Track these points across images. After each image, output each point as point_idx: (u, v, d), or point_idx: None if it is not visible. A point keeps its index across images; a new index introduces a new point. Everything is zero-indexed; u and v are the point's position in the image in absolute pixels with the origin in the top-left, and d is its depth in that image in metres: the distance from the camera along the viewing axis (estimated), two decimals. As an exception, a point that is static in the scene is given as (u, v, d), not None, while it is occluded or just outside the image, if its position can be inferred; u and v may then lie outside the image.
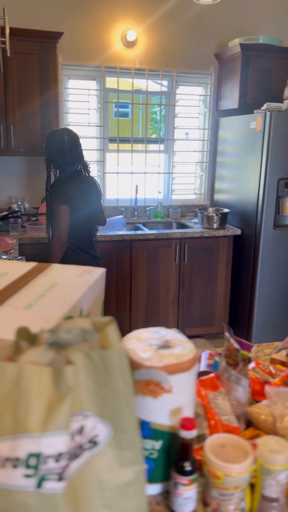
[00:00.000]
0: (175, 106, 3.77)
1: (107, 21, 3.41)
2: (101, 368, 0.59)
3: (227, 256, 3.44)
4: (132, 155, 3.75)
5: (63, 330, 0.60)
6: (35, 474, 0.54)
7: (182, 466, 0.74)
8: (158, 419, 0.76)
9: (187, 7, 3.56)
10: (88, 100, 3.54)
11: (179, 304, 3.42)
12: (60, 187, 2.34)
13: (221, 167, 3.75)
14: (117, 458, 0.61)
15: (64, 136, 2.35)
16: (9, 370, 0.55)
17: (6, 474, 0.54)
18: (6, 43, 1.66)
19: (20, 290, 0.94)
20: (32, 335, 0.66)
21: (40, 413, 0.55)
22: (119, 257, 3.19)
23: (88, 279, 1.03)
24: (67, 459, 0.56)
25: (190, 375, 0.77)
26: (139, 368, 0.75)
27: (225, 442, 0.78)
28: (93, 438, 0.60)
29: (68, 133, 2.38)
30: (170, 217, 3.80)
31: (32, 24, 3.24)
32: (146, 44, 3.55)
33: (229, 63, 3.51)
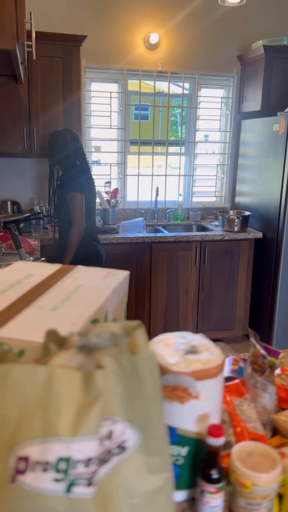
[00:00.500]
0: (197, 109, 3.76)
1: (130, 24, 3.42)
2: (130, 373, 0.59)
3: (248, 260, 3.40)
4: (153, 157, 3.75)
5: (94, 333, 0.60)
6: (64, 479, 0.54)
7: (209, 474, 0.73)
8: (185, 425, 0.75)
9: (209, 9, 3.55)
10: (110, 103, 3.56)
11: (198, 308, 3.40)
12: (73, 178, 2.55)
13: (242, 169, 3.72)
14: (146, 464, 0.61)
15: (67, 135, 2.59)
16: (40, 373, 0.55)
17: (35, 478, 0.54)
18: (32, 46, 1.68)
19: (46, 292, 0.94)
20: (61, 338, 0.66)
21: (70, 417, 0.54)
22: (139, 259, 3.19)
23: (113, 282, 1.03)
24: (96, 464, 0.55)
25: (217, 382, 0.76)
26: (166, 373, 0.74)
27: (253, 450, 0.76)
28: (121, 443, 0.60)
29: (70, 133, 2.62)
30: (190, 219, 3.79)
31: (56, 27, 3.28)
32: (169, 46, 3.55)
33: (252, 65, 3.48)
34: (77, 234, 2.54)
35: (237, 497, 0.73)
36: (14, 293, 0.92)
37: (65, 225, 2.63)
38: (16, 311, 0.83)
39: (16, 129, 3.04)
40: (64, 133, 2.61)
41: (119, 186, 3.76)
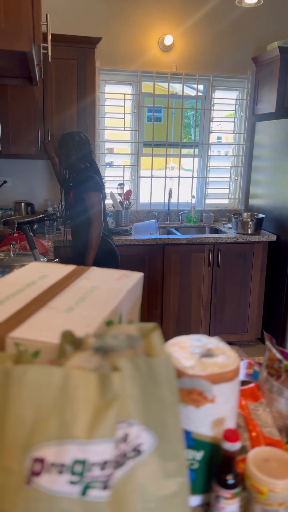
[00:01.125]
0: (211, 110, 3.74)
1: (144, 27, 3.43)
2: (147, 376, 0.58)
3: (261, 262, 3.37)
4: (166, 159, 3.75)
5: (110, 335, 0.59)
6: (80, 481, 0.53)
7: (225, 479, 0.72)
8: (200, 429, 0.74)
9: (224, 11, 3.53)
10: (123, 105, 3.57)
11: (211, 310, 3.38)
12: (88, 178, 2.58)
13: (256, 172, 3.69)
14: (161, 468, 0.60)
15: (76, 137, 2.62)
16: (57, 374, 0.55)
17: (51, 480, 0.53)
18: (48, 48, 1.69)
19: (60, 293, 0.94)
20: (77, 339, 0.66)
21: (86, 419, 0.54)
22: (151, 261, 3.19)
23: (127, 283, 1.02)
24: (112, 467, 0.55)
25: (233, 386, 0.75)
26: (182, 377, 0.73)
27: (269, 456, 0.75)
28: (137, 446, 0.59)
29: (80, 134, 2.64)
30: (203, 221, 3.77)
31: (70, 30, 3.30)
32: (183, 48, 3.54)
33: (267, 67, 3.46)
34: (98, 233, 2.58)
35: (253, 503, 0.72)
36: (29, 294, 0.93)
37: (80, 226, 2.63)
38: (31, 312, 0.83)
39: (30, 131, 3.06)
40: (75, 135, 2.62)
41: (132, 188, 3.76)
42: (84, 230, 2.62)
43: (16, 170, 3.44)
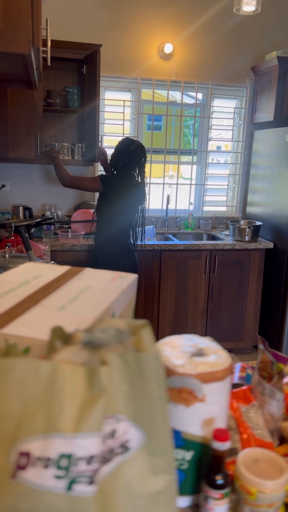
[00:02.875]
0: (210, 118, 3.77)
1: (144, 35, 3.46)
2: (135, 371, 0.58)
3: (258, 270, 3.37)
4: (164, 166, 3.77)
5: (99, 329, 0.59)
6: (65, 476, 0.53)
7: (214, 479, 0.71)
8: (190, 428, 0.74)
9: (223, 21, 3.57)
10: (123, 111, 3.59)
11: (207, 317, 3.37)
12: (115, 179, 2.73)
13: (254, 179, 3.71)
14: (149, 465, 0.60)
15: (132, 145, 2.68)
16: (44, 368, 0.55)
17: (36, 474, 0.53)
18: (48, 53, 1.70)
19: (53, 292, 0.94)
20: (67, 335, 0.65)
21: (73, 413, 0.54)
22: (148, 266, 3.19)
23: (121, 284, 1.02)
24: (99, 462, 0.54)
25: (224, 385, 0.75)
26: (172, 375, 0.73)
27: (259, 457, 0.75)
28: (124, 443, 0.59)
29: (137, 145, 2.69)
30: (201, 228, 3.78)
31: (72, 36, 3.33)
32: (183, 56, 3.57)
33: (266, 76, 3.49)
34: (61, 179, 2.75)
35: (242, 504, 0.72)
36: (22, 292, 0.92)
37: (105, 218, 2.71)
38: (23, 310, 0.83)
39: (29, 136, 3.07)
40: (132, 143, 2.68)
41: (130, 194, 3.77)
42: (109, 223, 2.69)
43: (15, 174, 3.44)
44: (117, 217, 2.69)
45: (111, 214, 2.69)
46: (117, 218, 2.69)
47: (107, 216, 2.70)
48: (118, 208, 2.67)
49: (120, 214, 2.69)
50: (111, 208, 2.68)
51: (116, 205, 2.66)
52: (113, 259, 2.73)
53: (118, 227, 2.72)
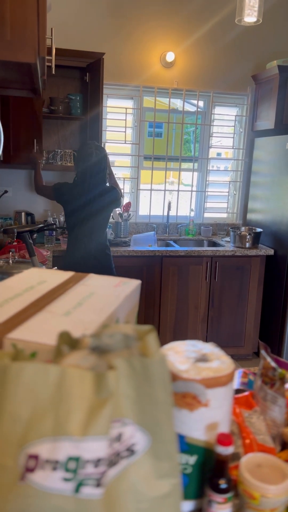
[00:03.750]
0: (211, 126, 3.80)
1: (147, 43, 3.50)
2: (141, 376, 0.59)
3: (259, 276, 3.38)
4: (165, 173, 3.79)
5: (106, 334, 0.61)
6: (73, 478, 0.54)
7: (217, 484, 0.72)
8: (194, 433, 0.75)
9: (225, 30, 3.62)
10: (125, 119, 3.62)
11: (208, 323, 3.38)
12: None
13: (255, 186, 3.73)
14: (154, 469, 0.61)
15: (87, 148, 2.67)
16: (52, 372, 0.56)
17: (44, 476, 0.54)
18: (52, 61, 1.73)
19: (58, 298, 0.95)
20: (73, 340, 0.67)
21: (81, 416, 0.55)
22: (149, 272, 3.20)
23: (124, 290, 1.03)
24: (106, 465, 0.55)
25: (227, 390, 0.76)
26: (176, 380, 0.74)
27: (262, 462, 0.76)
28: (130, 446, 0.60)
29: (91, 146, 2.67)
30: (202, 235, 3.79)
31: (75, 45, 3.37)
32: (184, 65, 3.61)
33: (266, 84, 3.52)
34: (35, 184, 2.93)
35: (245, 509, 0.73)
36: (28, 298, 0.94)
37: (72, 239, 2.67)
38: (29, 315, 0.84)
39: (31, 142, 3.10)
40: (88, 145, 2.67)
41: (131, 200, 3.79)
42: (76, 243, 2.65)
43: (17, 180, 3.47)
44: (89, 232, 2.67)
45: (82, 231, 2.66)
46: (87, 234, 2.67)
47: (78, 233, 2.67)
48: (89, 221, 2.66)
49: (93, 228, 2.67)
50: (82, 222, 2.65)
51: (84, 219, 2.65)
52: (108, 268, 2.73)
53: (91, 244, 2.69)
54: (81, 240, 2.66)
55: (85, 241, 2.67)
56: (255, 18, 1.68)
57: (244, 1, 1.64)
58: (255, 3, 1.61)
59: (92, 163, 2.61)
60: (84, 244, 2.67)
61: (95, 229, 2.68)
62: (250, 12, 1.64)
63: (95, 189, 2.64)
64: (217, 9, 3.57)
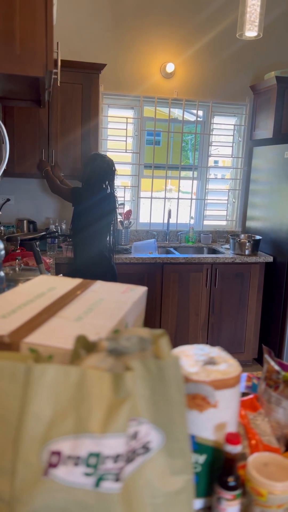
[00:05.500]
0: (210, 135, 3.86)
1: (147, 54, 3.57)
2: (156, 377, 0.63)
3: (258, 283, 3.42)
4: (166, 181, 3.84)
5: (123, 337, 0.64)
6: (94, 473, 0.57)
7: (226, 481, 0.75)
8: (203, 433, 0.78)
9: (224, 41, 3.69)
10: (125, 128, 3.68)
11: (208, 330, 3.41)
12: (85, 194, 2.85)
13: (254, 194, 3.79)
14: (168, 465, 0.64)
15: (97, 160, 2.81)
16: (73, 373, 0.60)
17: (67, 472, 0.57)
18: (58, 74, 1.78)
19: (69, 304, 0.99)
20: (90, 343, 0.70)
21: (101, 415, 0.58)
22: (150, 279, 3.24)
23: (132, 296, 1.07)
24: (124, 461, 0.59)
25: (235, 392, 0.80)
26: (187, 382, 0.77)
27: (269, 461, 0.79)
28: (146, 444, 0.63)
29: (99, 157, 2.82)
30: (202, 242, 3.84)
31: (77, 56, 3.43)
32: (184, 75, 3.68)
33: (265, 95, 3.59)
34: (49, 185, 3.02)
35: (253, 506, 0.76)
36: (40, 304, 0.97)
37: (80, 243, 2.70)
38: (43, 320, 0.88)
39: (35, 152, 3.15)
40: (97, 156, 2.82)
41: (132, 208, 3.84)
42: (82, 248, 2.70)
43: (19, 189, 3.51)
44: (94, 236, 2.77)
45: (89, 235, 2.76)
46: (94, 238, 2.77)
47: (87, 237, 2.77)
48: (94, 226, 2.76)
49: (97, 233, 2.78)
50: (92, 228, 2.75)
51: (91, 223, 2.74)
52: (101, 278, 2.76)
53: (96, 247, 2.79)
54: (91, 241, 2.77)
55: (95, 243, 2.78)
56: (255, 32, 1.74)
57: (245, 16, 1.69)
58: (256, 18, 1.67)
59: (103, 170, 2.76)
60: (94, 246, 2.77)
61: (103, 232, 2.80)
62: (251, 27, 1.69)
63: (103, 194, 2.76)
64: (216, 21, 3.64)
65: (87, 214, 2.74)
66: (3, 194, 3.47)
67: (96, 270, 2.74)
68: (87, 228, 2.73)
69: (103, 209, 2.73)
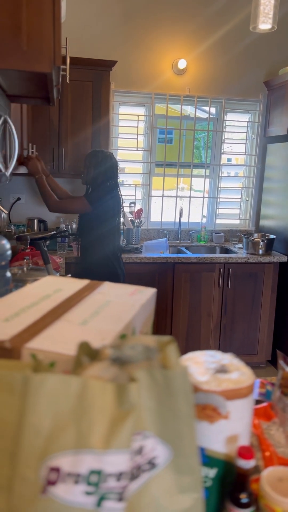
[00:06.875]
0: (223, 132, 3.80)
1: (159, 51, 3.52)
2: (163, 388, 0.59)
3: (272, 283, 3.35)
4: (177, 179, 3.79)
5: (127, 346, 0.60)
6: (95, 492, 0.53)
7: (238, 498, 0.71)
8: (214, 445, 0.74)
9: (237, 37, 3.62)
10: (137, 126, 3.64)
11: (220, 331, 3.35)
12: (97, 196, 2.68)
13: (267, 193, 3.71)
14: (176, 483, 0.60)
15: (100, 155, 2.70)
16: (74, 384, 0.56)
17: (66, 490, 0.53)
18: (67, 70, 1.75)
19: (75, 306, 0.95)
20: (93, 351, 0.66)
21: (103, 429, 0.54)
22: (161, 279, 3.19)
23: (140, 298, 1.03)
24: (128, 479, 0.55)
25: (248, 402, 0.75)
26: (196, 392, 0.73)
27: (284, 476, 0.74)
28: (152, 459, 0.59)
29: (102, 152, 2.70)
30: (214, 241, 3.78)
31: (87, 53, 3.40)
32: (196, 72, 3.62)
33: (279, 90, 3.51)
34: (48, 205, 2.66)
35: (267, 524, 0.71)
36: (45, 307, 0.94)
37: (87, 243, 2.66)
38: (47, 324, 0.84)
39: (45, 150, 3.12)
40: (97, 152, 2.70)
41: (143, 207, 3.80)
42: (91, 249, 2.65)
43: (30, 188, 3.49)
44: (102, 236, 2.68)
45: (97, 235, 2.67)
46: (102, 238, 2.68)
47: (95, 238, 2.68)
48: (106, 226, 2.67)
49: (104, 233, 2.68)
50: (100, 228, 2.65)
51: (104, 224, 2.66)
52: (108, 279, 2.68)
53: (107, 248, 2.70)
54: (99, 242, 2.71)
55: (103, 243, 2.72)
56: (270, 25, 1.68)
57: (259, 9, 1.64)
58: (270, 11, 1.61)
59: (108, 167, 2.68)
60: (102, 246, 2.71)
61: (111, 232, 2.73)
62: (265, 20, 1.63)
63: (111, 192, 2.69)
64: (229, 16, 3.57)
65: (94, 214, 2.68)
66: (13, 193, 3.46)
67: (104, 271, 2.69)
68: (95, 228, 2.68)
69: (110, 208, 2.67)
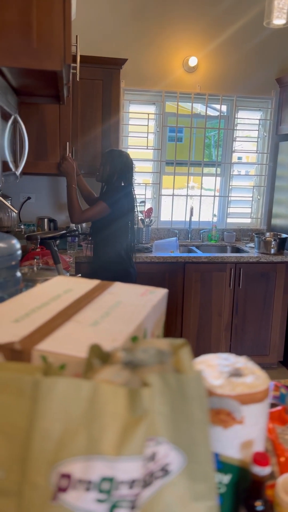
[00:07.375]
0: (234, 130, 3.76)
1: (169, 48, 3.50)
2: (177, 393, 0.57)
3: (284, 283, 3.31)
4: (188, 178, 3.76)
5: (140, 349, 0.58)
6: (107, 500, 0.52)
7: (253, 505, 0.69)
8: (228, 451, 0.72)
9: (248, 33, 3.58)
10: (147, 124, 3.62)
11: (232, 331, 3.32)
12: (111, 194, 2.68)
13: (279, 191, 3.67)
14: (190, 490, 0.58)
15: (116, 155, 2.71)
16: (85, 388, 0.54)
17: (77, 497, 0.52)
18: (77, 68, 1.74)
19: (85, 307, 0.94)
20: (105, 353, 0.65)
21: (115, 435, 0.53)
22: (171, 278, 3.17)
23: (151, 299, 1.01)
24: (140, 486, 0.53)
25: (263, 407, 0.73)
26: (210, 396, 0.71)
27: (300, 483, 0.72)
28: (165, 466, 0.57)
29: (119, 152, 2.72)
30: (225, 240, 3.75)
31: (97, 51, 3.39)
32: (207, 69, 3.59)
33: (291, 88, 3.47)
34: (73, 217, 2.67)
35: (283, 532, 0.69)
36: (55, 307, 0.92)
37: (100, 242, 2.66)
38: (57, 325, 0.83)
39: (55, 149, 3.12)
40: (115, 151, 2.72)
41: (153, 206, 3.78)
42: (103, 248, 2.64)
43: (40, 187, 3.50)
44: (115, 236, 2.67)
45: (109, 234, 2.66)
46: (115, 237, 2.67)
47: (108, 236, 2.68)
48: (119, 224, 2.66)
49: (117, 232, 2.68)
50: (113, 226, 2.65)
51: (117, 222, 2.65)
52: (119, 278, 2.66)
53: (120, 246, 2.69)
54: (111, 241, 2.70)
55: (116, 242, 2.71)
56: (284, 20, 1.65)
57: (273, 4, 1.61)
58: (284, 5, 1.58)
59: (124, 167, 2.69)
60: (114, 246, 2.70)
61: (124, 231, 2.72)
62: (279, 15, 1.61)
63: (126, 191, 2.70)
64: (240, 13, 3.54)
65: (119, 220, 2.67)
66: (24, 192, 3.46)
67: (117, 268, 2.68)
68: (108, 227, 2.67)
69: (124, 207, 2.67)
